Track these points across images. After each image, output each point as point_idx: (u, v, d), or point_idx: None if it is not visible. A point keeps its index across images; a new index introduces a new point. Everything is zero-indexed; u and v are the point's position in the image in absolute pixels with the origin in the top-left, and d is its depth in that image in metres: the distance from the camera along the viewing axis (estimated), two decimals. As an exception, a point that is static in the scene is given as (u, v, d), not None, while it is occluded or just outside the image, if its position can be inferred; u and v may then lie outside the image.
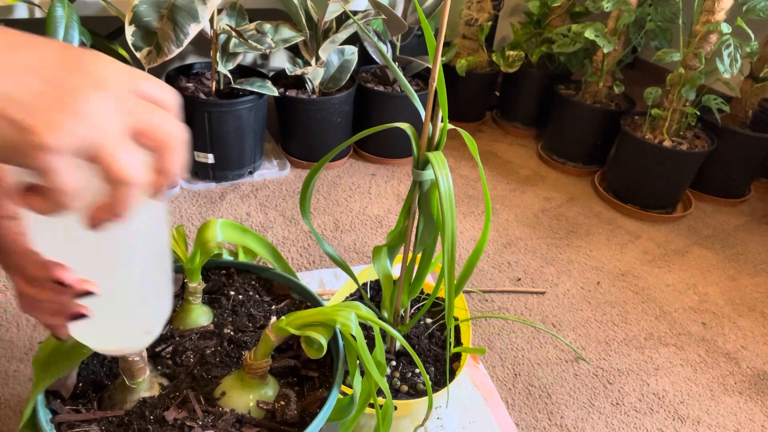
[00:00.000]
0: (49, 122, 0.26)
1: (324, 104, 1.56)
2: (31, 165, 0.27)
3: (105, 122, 0.28)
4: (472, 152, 0.62)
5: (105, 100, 0.28)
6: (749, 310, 1.31)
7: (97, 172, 0.29)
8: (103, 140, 0.28)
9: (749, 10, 1.43)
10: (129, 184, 0.29)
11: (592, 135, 1.77)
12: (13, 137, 0.26)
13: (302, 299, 0.73)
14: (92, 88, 0.28)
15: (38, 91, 0.27)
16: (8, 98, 0.26)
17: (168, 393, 0.59)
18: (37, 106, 0.26)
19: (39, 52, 0.28)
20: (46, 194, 0.28)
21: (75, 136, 0.27)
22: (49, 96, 0.27)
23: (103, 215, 0.30)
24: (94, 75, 0.28)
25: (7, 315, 1.06)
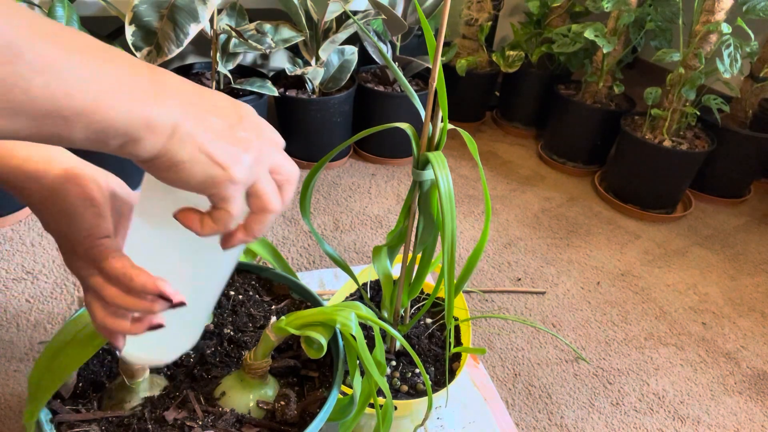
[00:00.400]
0: (235, 159, 0.33)
1: (324, 104, 1.56)
2: (218, 194, 0.34)
3: (262, 161, 0.35)
4: (472, 152, 0.62)
5: (261, 143, 0.35)
6: (749, 310, 1.31)
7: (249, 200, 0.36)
8: (265, 177, 0.36)
9: (749, 10, 1.43)
10: (273, 212, 0.37)
11: (592, 135, 1.77)
12: (210, 170, 0.33)
13: (302, 299, 0.73)
14: (255, 134, 0.35)
15: (225, 133, 0.33)
16: (208, 138, 0.32)
17: (168, 393, 0.59)
18: (226, 146, 0.33)
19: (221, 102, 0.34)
20: (216, 217, 0.35)
21: (251, 174, 0.34)
22: (232, 138, 0.33)
23: (242, 236, 0.37)
24: (254, 123, 0.36)
25: (7, 315, 1.06)
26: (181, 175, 0.32)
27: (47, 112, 0.27)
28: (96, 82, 0.28)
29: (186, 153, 0.32)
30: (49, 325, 1.04)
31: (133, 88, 0.29)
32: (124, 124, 0.29)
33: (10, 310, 1.07)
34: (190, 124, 0.32)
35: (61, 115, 0.27)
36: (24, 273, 1.16)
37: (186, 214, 0.36)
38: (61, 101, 0.27)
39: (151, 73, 0.31)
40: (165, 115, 0.30)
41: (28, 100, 0.26)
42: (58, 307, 1.09)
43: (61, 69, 0.26)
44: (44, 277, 1.15)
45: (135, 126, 0.29)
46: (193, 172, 0.32)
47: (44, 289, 1.13)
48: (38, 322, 1.05)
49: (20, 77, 0.25)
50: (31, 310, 1.08)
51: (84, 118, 0.28)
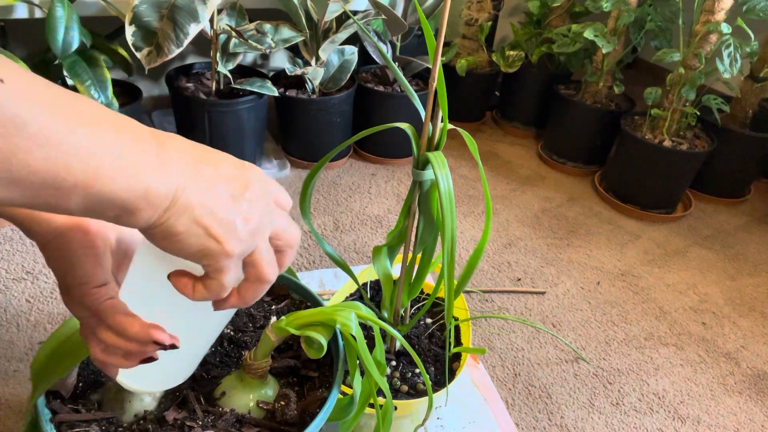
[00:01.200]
0: (232, 233, 0.33)
1: (324, 104, 1.56)
2: (212, 265, 0.34)
3: (262, 230, 0.35)
4: (472, 152, 0.62)
5: (263, 212, 0.35)
6: (749, 310, 1.31)
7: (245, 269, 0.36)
8: (263, 247, 0.35)
9: (749, 10, 1.43)
10: (268, 282, 0.37)
11: (592, 135, 1.77)
12: (205, 243, 0.32)
13: (302, 299, 0.73)
14: (257, 203, 0.34)
15: (225, 204, 0.33)
16: (207, 210, 0.32)
17: (168, 393, 0.59)
18: (224, 218, 0.32)
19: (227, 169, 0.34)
20: (208, 286, 0.35)
21: (248, 245, 0.34)
22: (232, 209, 0.33)
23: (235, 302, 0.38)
24: (257, 191, 0.35)
25: (7, 315, 1.06)
26: (176, 246, 0.32)
27: (44, 183, 0.26)
28: (98, 156, 0.27)
29: (182, 225, 0.31)
30: (49, 325, 1.04)
31: (135, 160, 0.29)
32: (122, 196, 0.29)
33: (10, 310, 1.07)
34: (190, 196, 0.31)
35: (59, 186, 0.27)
36: (24, 273, 1.16)
37: (179, 278, 0.36)
38: (60, 174, 0.26)
39: (157, 140, 0.31)
40: (164, 186, 0.30)
41: (27, 171, 0.26)
42: (58, 307, 1.09)
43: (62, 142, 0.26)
44: (44, 277, 1.15)
45: (133, 198, 0.29)
46: (188, 244, 0.32)
47: (44, 289, 1.13)
48: (38, 322, 1.05)
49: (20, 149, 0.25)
50: (31, 310, 1.08)
51: (82, 190, 0.27)
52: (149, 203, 0.30)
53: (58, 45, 1.10)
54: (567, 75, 1.95)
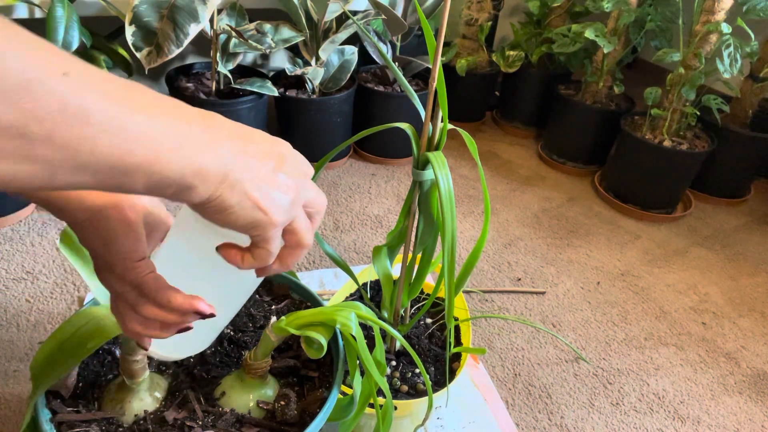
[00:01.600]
0: (277, 204, 0.35)
1: (324, 104, 1.56)
2: (260, 235, 0.36)
3: (300, 201, 0.38)
4: (472, 152, 0.62)
5: (298, 183, 0.37)
6: (749, 310, 1.31)
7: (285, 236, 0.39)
8: (302, 216, 0.38)
9: (749, 10, 1.43)
10: (307, 247, 0.40)
11: (592, 135, 1.77)
12: (254, 215, 0.35)
13: (302, 299, 0.73)
14: (293, 175, 0.37)
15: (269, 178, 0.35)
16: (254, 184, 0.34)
17: (168, 393, 0.59)
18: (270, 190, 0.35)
19: (265, 145, 0.36)
20: (257, 255, 0.38)
21: (290, 215, 0.37)
22: (275, 182, 0.35)
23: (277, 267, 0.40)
24: (292, 163, 0.37)
25: (7, 315, 1.06)
26: (228, 218, 0.34)
27: (110, 167, 0.28)
28: (156, 139, 0.29)
29: (234, 199, 0.33)
30: (49, 325, 1.04)
31: (189, 140, 0.31)
32: (180, 174, 0.31)
33: (10, 310, 1.07)
34: (239, 171, 0.33)
35: (123, 170, 0.29)
36: (24, 273, 1.16)
37: (228, 250, 0.39)
38: (123, 158, 0.28)
39: (205, 122, 0.33)
40: (217, 163, 0.32)
41: (93, 157, 0.28)
42: (58, 307, 1.09)
43: (123, 129, 0.28)
44: (44, 277, 1.15)
45: (190, 175, 0.31)
46: (240, 216, 0.34)
47: (44, 289, 1.13)
48: (38, 322, 1.05)
49: (87, 138, 0.27)
50: (31, 310, 1.08)
51: (144, 171, 0.29)
52: (204, 180, 0.32)
53: (58, 45, 1.10)
54: (567, 75, 1.95)
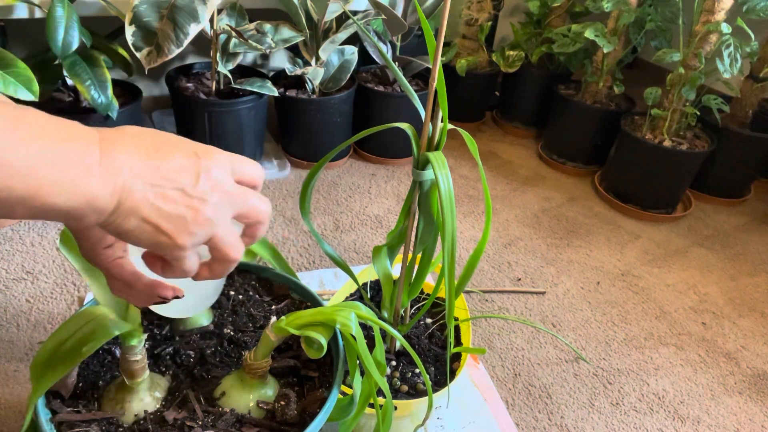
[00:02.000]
0: (182, 228, 0.34)
1: (324, 104, 1.56)
2: (167, 255, 0.35)
3: (222, 219, 0.36)
4: (472, 152, 0.62)
5: (222, 200, 0.35)
6: (749, 310, 1.31)
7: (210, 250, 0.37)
8: (221, 233, 0.36)
9: (749, 10, 1.43)
10: (233, 262, 0.38)
11: (592, 135, 1.77)
12: (156, 238, 0.34)
13: (302, 299, 0.73)
14: (212, 191, 0.35)
15: (174, 199, 0.33)
16: (156, 209, 0.33)
17: (168, 393, 0.59)
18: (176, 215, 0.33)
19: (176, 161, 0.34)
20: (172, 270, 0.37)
21: (203, 237, 0.35)
22: (181, 204, 0.34)
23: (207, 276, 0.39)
24: (214, 178, 0.35)
25: (7, 315, 1.06)
26: (129, 240, 0.34)
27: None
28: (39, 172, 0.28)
29: (131, 225, 0.32)
30: (49, 325, 1.04)
31: (76, 171, 0.30)
32: (65, 206, 0.30)
33: (10, 310, 1.07)
34: (136, 196, 0.32)
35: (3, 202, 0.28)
36: (24, 273, 1.16)
37: (148, 257, 0.38)
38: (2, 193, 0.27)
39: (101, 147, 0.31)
40: (108, 192, 0.31)
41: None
42: (58, 307, 1.09)
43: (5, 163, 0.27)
44: (44, 277, 1.15)
45: (76, 207, 0.30)
46: (140, 239, 0.34)
47: (44, 289, 1.13)
48: (38, 322, 1.05)
49: None
50: (31, 310, 1.08)
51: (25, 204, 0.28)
52: (93, 209, 0.31)
53: (58, 45, 1.10)
54: (567, 75, 1.94)
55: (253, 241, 0.40)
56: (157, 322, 0.67)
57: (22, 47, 1.51)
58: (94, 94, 1.18)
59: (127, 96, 1.42)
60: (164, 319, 0.68)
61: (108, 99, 1.20)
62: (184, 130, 1.50)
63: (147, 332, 0.65)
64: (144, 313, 0.66)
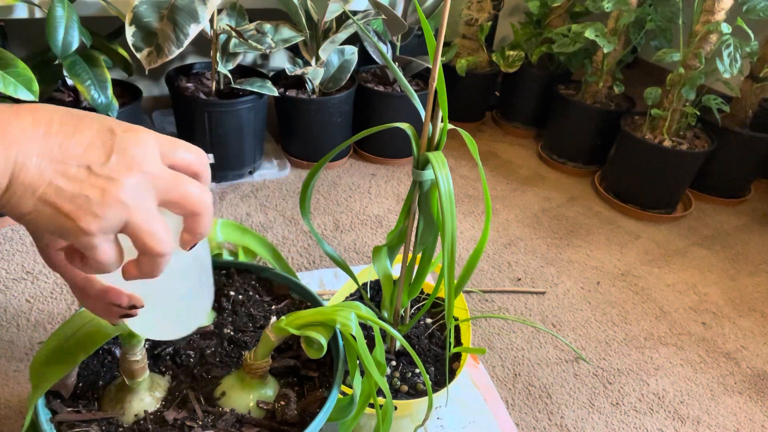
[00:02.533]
0: (86, 209, 0.30)
1: (324, 104, 1.56)
2: (76, 243, 0.31)
3: (139, 203, 0.31)
4: (472, 152, 0.62)
5: (139, 181, 0.31)
6: (749, 310, 1.31)
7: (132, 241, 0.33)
8: (138, 219, 0.32)
9: (749, 10, 1.43)
10: (158, 256, 0.33)
11: (592, 135, 1.77)
12: (58, 222, 0.30)
13: (302, 299, 0.73)
14: (127, 171, 0.31)
15: (81, 178, 0.30)
16: (55, 188, 0.29)
17: (168, 393, 0.59)
18: (79, 195, 0.30)
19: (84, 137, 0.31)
20: (87, 262, 0.33)
21: (113, 221, 0.31)
22: (85, 183, 0.30)
23: (137, 274, 0.35)
24: (130, 158, 0.31)
25: (7, 315, 1.06)
26: (30, 225, 0.31)
27: None
28: None
29: (28, 206, 0.30)
30: (49, 325, 1.04)
31: None
32: None
33: (10, 310, 1.07)
34: (31, 173, 0.29)
35: None
36: (24, 273, 1.16)
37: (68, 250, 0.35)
38: None
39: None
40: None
41: None
42: (58, 307, 1.09)
43: None
44: (44, 277, 1.15)
45: None
46: (41, 224, 0.30)
47: (44, 289, 1.13)
48: (38, 322, 1.05)
49: None
50: (31, 310, 1.08)
51: None
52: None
53: (58, 45, 1.10)
54: (567, 75, 1.95)
55: (194, 238, 0.36)
56: (157, 322, 0.67)
57: (22, 47, 1.51)
58: (94, 94, 1.18)
59: (127, 96, 1.42)
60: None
61: (108, 99, 1.20)
62: (184, 130, 1.51)
63: (147, 332, 0.65)
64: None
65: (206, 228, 0.36)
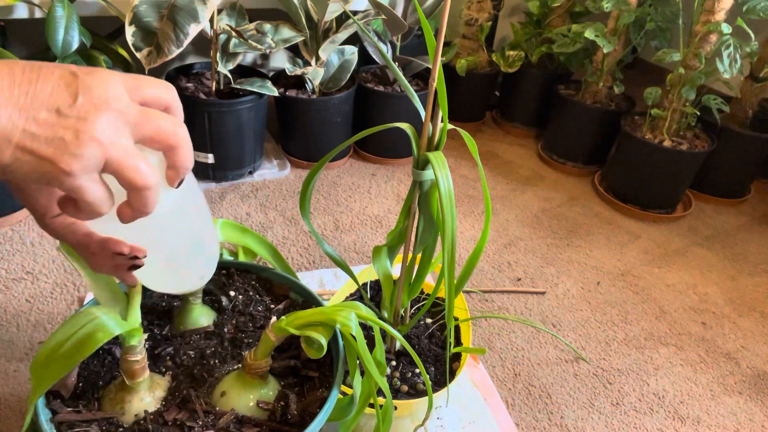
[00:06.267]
0: (67, 151, 0.30)
1: (324, 104, 1.56)
2: (60, 187, 0.32)
3: (114, 139, 0.32)
4: (472, 152, 0.62)
5: (111, 119, 0.32)
6: (749, 310, 1.31)
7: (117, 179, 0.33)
8: (116, 155, 0.32)
9: (749, 10, 1.43)
10: (144, 188, 0.34)
11: (592, 135, 1.77)
12: (40, 167, 0.30)
13: (302, 299, 0.73)
14: (98, 111, 0.31)
15: (53, 122, 0.30)
16: (29, 135, 0.30)
17: (168, 393, 0.59)
18: (54, 138, 0.30)
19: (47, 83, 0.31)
20: (79, 206, 0.34)
21: (91, 159, 0.31)
22: (58, 125, 0.30)
23: (132, 214, 0.35)
24: (97, 97, 0.32)
25: (7, 315, 1.06)
26: (15, 177, 0.31)
27: None
28: None
29: (6, 157, 0.30)
30: (49, 325, 1.04)
31: None
32: None
33: (10, 310, 1.07)
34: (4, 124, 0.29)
35: None
36: (24, 273, 1.16)
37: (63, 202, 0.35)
38: None
39: None
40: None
41: None
42: (58, 307, 1.09)
43: None
44: (44, 277, 1.15)
45: None
46: (24, 173, 0.31)
47: (44, 289, 1.13)
48: (38, 322, 1.05)
49: None
50: (31, 310, 1.08)
51: None
52: None
53: (58, 45, 1.10)
54: (567, 75, 1.94)
55: (179, 172, 0.36)
56: (157, 323, 0.68)
57: (22, 47, 1.51)
58: (94, 94, 1.18)
59: (127, 96, 1.41)
60: (164, 318, 0.68)
61: (108, 99, 1.20)
62: (184, 130, 1.50)
63: (147, 332, 0.65)
64: (144, 313, 0.66)
65: (187, 161, 0.36)
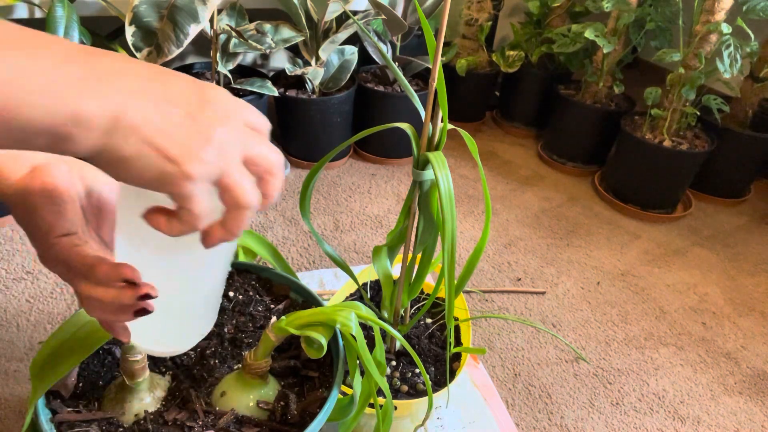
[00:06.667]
0: (191, 153, 0.29)
1: (324, 104, 1.56)
2: (174, 192, 0.30)
3: (230, 152, 0.31)
4: (472, 152, 0.62)
5: (229, 132, 0.31)
6: (749, 310, 1.31)
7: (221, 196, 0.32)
8: (229, 168, 0.31)
9: (749, 10, 1.43)
10: (248, 208, 0.33)
11: (592, 135, 1.77)
12: (161, 166, 0.29)
13: (302, 299, 0.73)
14: (220, 122, 0.31)
15: (180, 123, 0.29)
16: (158, 130, 0.29)
17: (168, 393, 0.59)
18: (180, 138, 0.29)
19: (179, 86, 0.31)
20: (181, 217, 0.32)
21: (210, 166, 0.30)
22: (188, 128, 0.30)
23: (221, 235, 0.34)
24: (220, 109, 0.31)
25: (7, 315, 1.06)
26: (129, 173, 0.29)
27: None
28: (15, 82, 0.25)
29: (130, 148, 0.28)
30: (49, 325, 1.04)
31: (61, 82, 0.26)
32: (48, 122, 0.26)
33: (10, 310, 1.07)
34: (136, 115, 0.28)
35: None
36: (24, 273, 1.16)
37: (153, 214, 0.33)
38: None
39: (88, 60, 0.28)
40: (100, 107, 0.27)
41: None
42: (58, 307, 1.09)
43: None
44: (44, 277, 1.15)
45: (61, 123, 0.26)
46: (142, 169, 0.29)
47: (44, 289, 1.13)
48: (38, 322, 1.05)
49: None
50: (31, 310, 1.08)
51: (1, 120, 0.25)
52: (82, 127, 0.27)
53: (58, 45, 1.10)
54: (567, 75, 1.94)
55: (268, 199, 0.35)
56: (157, 322, 0.67)
57: (22, 47, 1.51)
58: (94, 94, 1.18)
59: (127, 96, 1.41)
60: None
61: (108, 99, 1.20)
62: (184, 130, 1.50)
63: (147, 332, 0.65)
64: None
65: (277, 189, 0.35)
